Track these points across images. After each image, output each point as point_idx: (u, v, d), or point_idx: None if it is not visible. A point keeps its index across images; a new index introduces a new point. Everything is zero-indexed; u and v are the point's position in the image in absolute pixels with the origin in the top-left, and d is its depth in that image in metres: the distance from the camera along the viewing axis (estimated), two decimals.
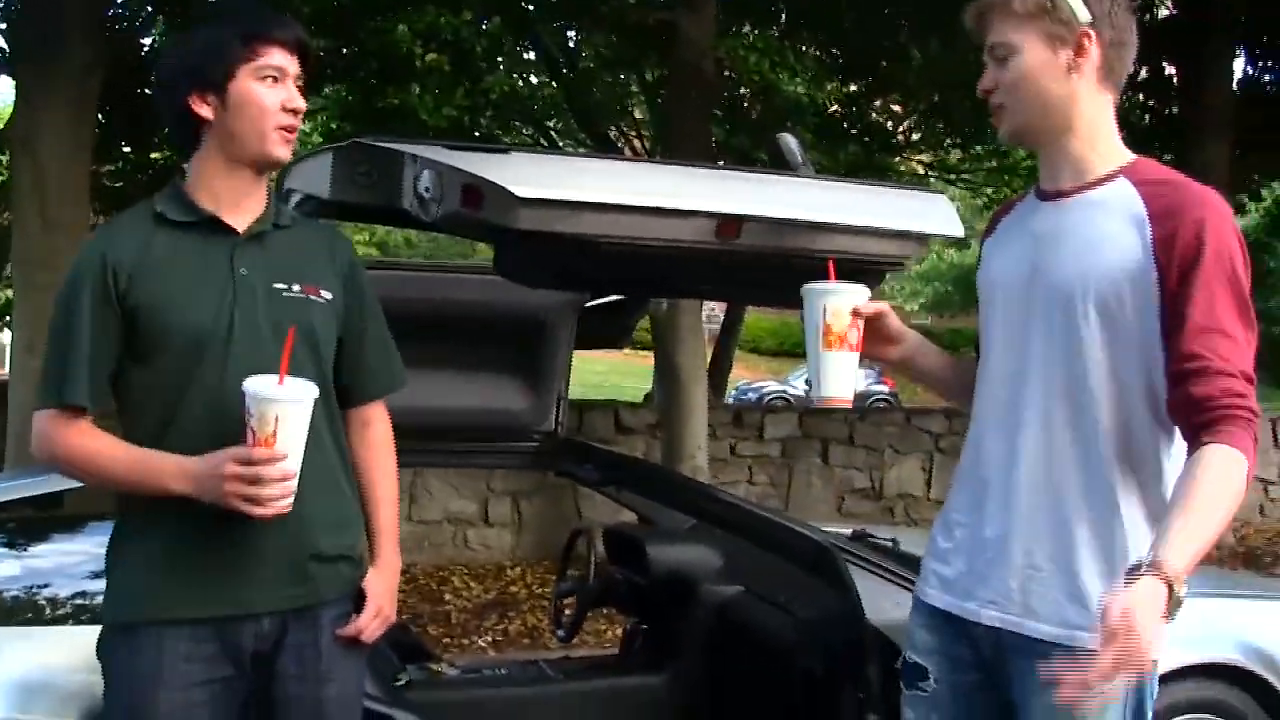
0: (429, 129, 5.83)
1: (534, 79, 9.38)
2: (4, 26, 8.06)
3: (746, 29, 7.43)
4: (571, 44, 10.82)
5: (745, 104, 9.32)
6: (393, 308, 2.50)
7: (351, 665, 2.32)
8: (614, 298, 3.95)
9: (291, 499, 2.09)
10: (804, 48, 7.99)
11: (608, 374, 21.96)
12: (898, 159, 13.01)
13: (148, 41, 9.51)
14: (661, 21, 7.86)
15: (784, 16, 9.31)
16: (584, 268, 2.82)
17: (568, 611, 4.14)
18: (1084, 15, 2.03)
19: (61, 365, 2.16)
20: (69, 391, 2.15)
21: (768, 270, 2.85)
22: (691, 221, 2.56)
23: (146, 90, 8.39)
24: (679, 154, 7.73)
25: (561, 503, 8.74)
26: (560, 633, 4.20)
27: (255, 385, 2.05)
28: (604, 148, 11.99)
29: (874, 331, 2.25)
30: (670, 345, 8.24)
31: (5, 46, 7.99)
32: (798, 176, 3.00)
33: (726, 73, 7.99)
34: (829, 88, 8.56)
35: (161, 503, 2.13)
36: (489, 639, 6.85)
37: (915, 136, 13.02)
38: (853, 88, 10.40)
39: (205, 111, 2.19)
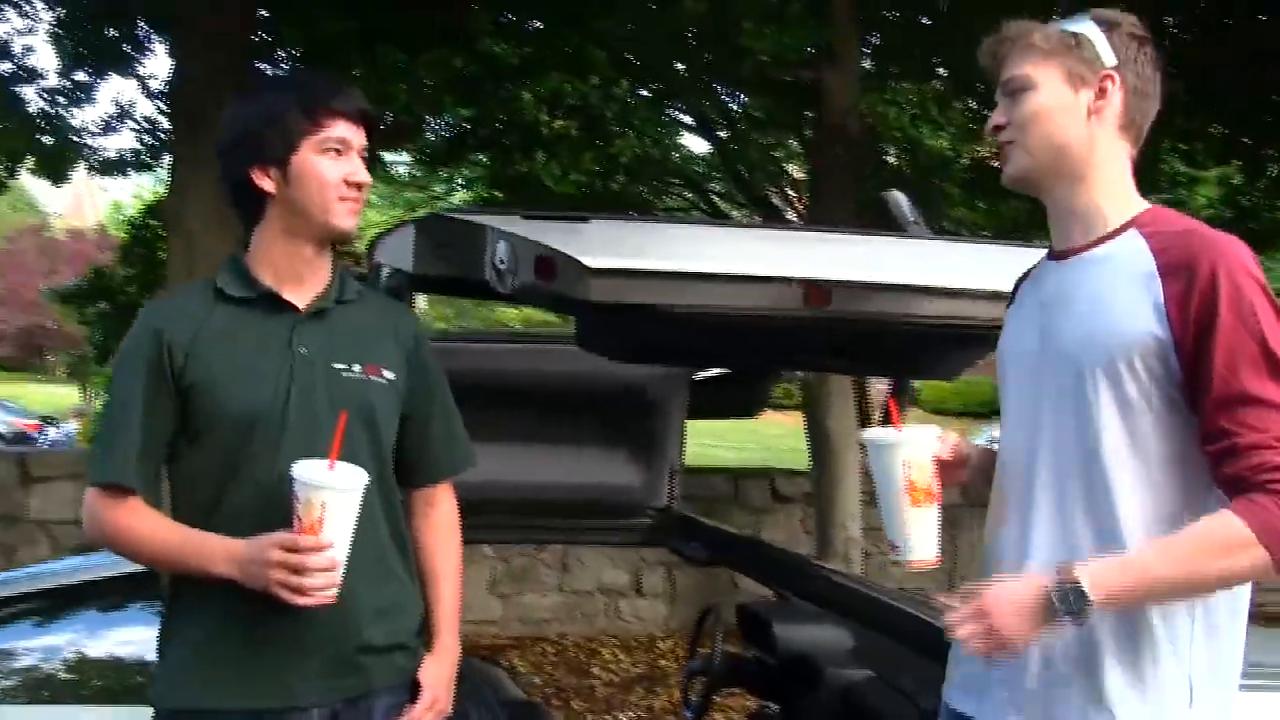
0: (556, 195, 5.80)
1: (668, 142, 9.29)
2: (169, 110, 8.40)
3: (894, 84, 7.20)
4: (731, 106, 10.77)
5: (894, 161, 9.10)
6: (499, 381, 2.39)
7: None
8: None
9: (337, 589, 2.01)
10: (957, 103, 7.72)
11: (784, 436, 21.62)
12: None
13: None
14: (811, 80, 7.75)
15: (940, 70, 9.07)
16: (664, 339, 2.68)
17: (697, 690, 3.98)
18: (1109, 58, 1.85)
19: (110, 442, 2.13)
20: (114, 471, 2.11)
21: (867, 339, 2.67)
22: (776, 288, 2.39)
23: None
24: (829, 213, 7.55)
25: (716, 573, 8.50)
26: (688, 714, 4.04)
27: (303, 470, 1.98)
28: (763, 210, 11.88)
29: (946, 464, 2.07)
30: (819, 409, 8.00)
31: (169, 126, 8.34)
32: (906, 236, 2.82)
33: (878, 129, 7.80)
34: (988, 141, 8.17)
35: (209, 586, 2.07)
36: (632, 714, 6.68)
37: None
38: None
39: (267, 185, 2.14)
